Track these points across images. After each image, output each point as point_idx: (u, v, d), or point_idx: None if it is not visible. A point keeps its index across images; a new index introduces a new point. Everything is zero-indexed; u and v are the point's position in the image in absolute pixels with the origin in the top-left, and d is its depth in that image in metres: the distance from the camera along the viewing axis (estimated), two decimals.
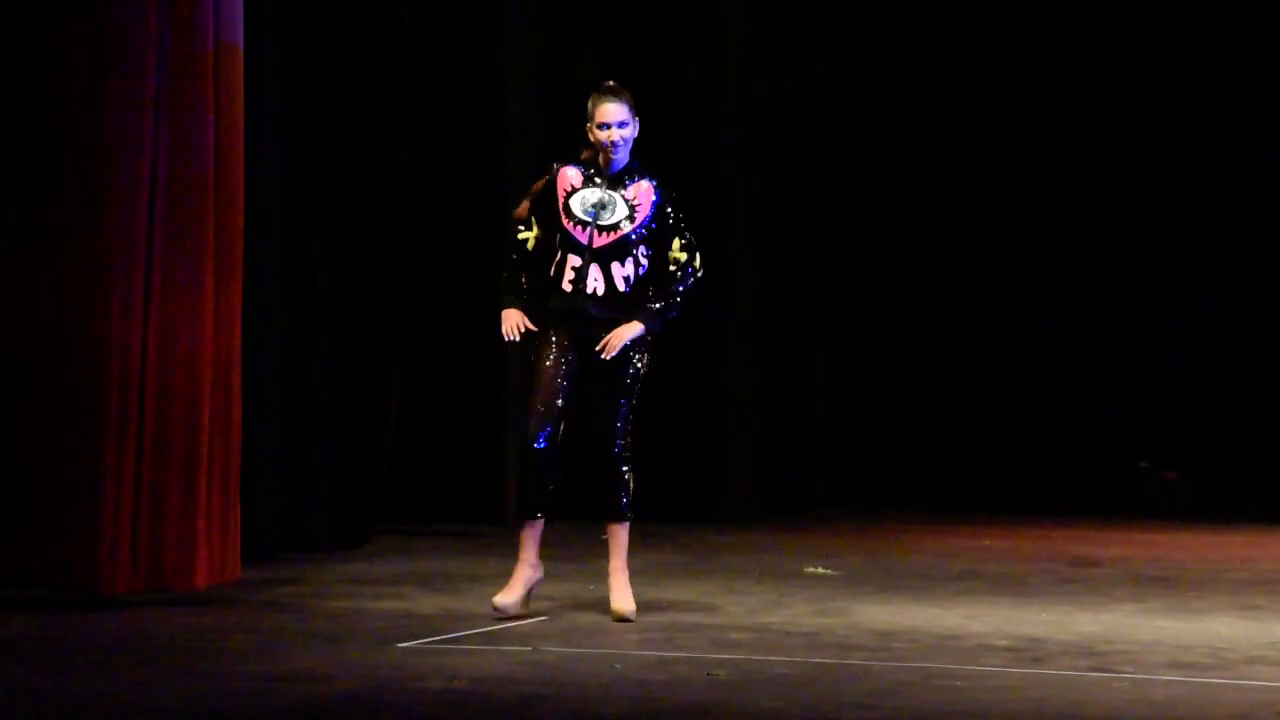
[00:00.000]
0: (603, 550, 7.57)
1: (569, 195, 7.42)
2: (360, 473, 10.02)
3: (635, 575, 7.53)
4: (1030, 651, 6.89)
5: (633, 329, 7.36)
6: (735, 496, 12.57)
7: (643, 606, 7.54)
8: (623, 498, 7.44)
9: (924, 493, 13.70)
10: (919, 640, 7.11)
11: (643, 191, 7.44)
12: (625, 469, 7.43)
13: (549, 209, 7.44)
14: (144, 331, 7.58)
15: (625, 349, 7.39)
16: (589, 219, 7.37)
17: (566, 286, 7.38)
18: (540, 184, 7.51)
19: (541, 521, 7.48)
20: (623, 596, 7.44)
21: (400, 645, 6.79)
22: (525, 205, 7.52)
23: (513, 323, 7.41)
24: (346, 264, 10.03)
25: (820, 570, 9.32)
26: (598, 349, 7.36)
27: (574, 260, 7.38)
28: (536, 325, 7.42)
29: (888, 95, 13.99)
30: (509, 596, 7.44)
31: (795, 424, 13.24)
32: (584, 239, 7.38)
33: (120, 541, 7.52)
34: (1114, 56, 13.95)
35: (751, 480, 12.75)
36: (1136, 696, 6.06)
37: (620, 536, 7.47)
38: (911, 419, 14.29)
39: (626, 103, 7.41)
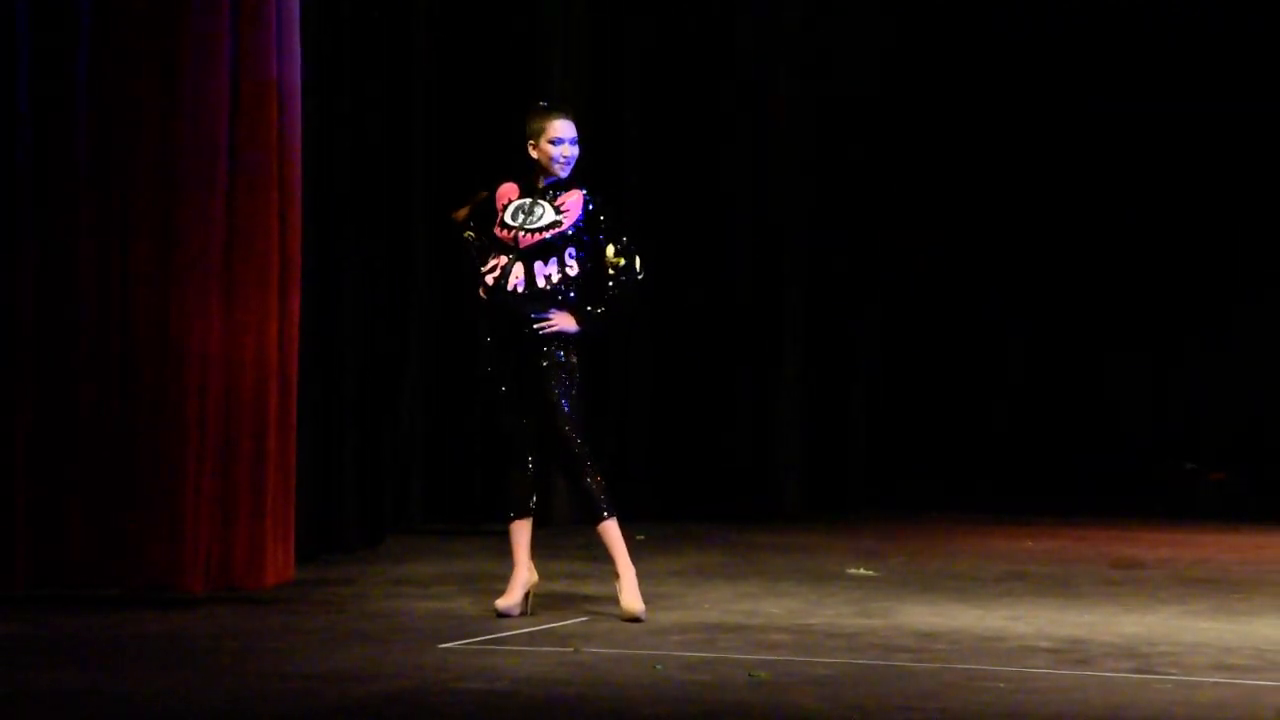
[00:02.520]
0: (639, 550, 7.56)
1: (505, 206, 7.64)
2: (375, 473, 10.01)
3: (676, 577, 7.54)
4: (1073, 653, 6.87)
5: (567, 320, 7.52)
6: (780, 497, 12.56)
7: (683, 607, 7.54)
8: (599, 497, 7.48)
9: (968, 493, 13.66)
10: (961, 641, 7.10)
11: (572, 199, 7.61)
12: (589, 465, 7.50)
13: (486, 220, 7.65)
14: (217, 335, 7.77)
15: (552, 346, 7.53)
16: (515, 223, 7.56)
17: (489, 280, 7.57)
18: (482, 195, 7.72)
19: (530, 521, 7.61)
20: (630, 596, 7.45)
21: (443, 646, 6.81)
22: (465, 210, 7.78)
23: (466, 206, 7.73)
24: (375, 267, 10.09)
25: (862, 571, 9.31)
26: (528, 331, 7.50)
27: (501, 260, 7.55)
28: (480, 342, 7.64)
29: (936, 86, 13.96)
30: (509, 599, 7.54)
31: (840, 425, 13.23)
32: (509, 241, 7.57)
33: (199, 542, 7.69)
34: (1128, 58, 13.89)
35: (796, 481, 12.74)
36: (1180, 698, 6.04)
37: (611, 535, 7.49)
38: (957, 420, 14.25)
39: (574, 121, 7.58)
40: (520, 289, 7.52)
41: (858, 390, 13.42)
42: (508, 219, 7.58)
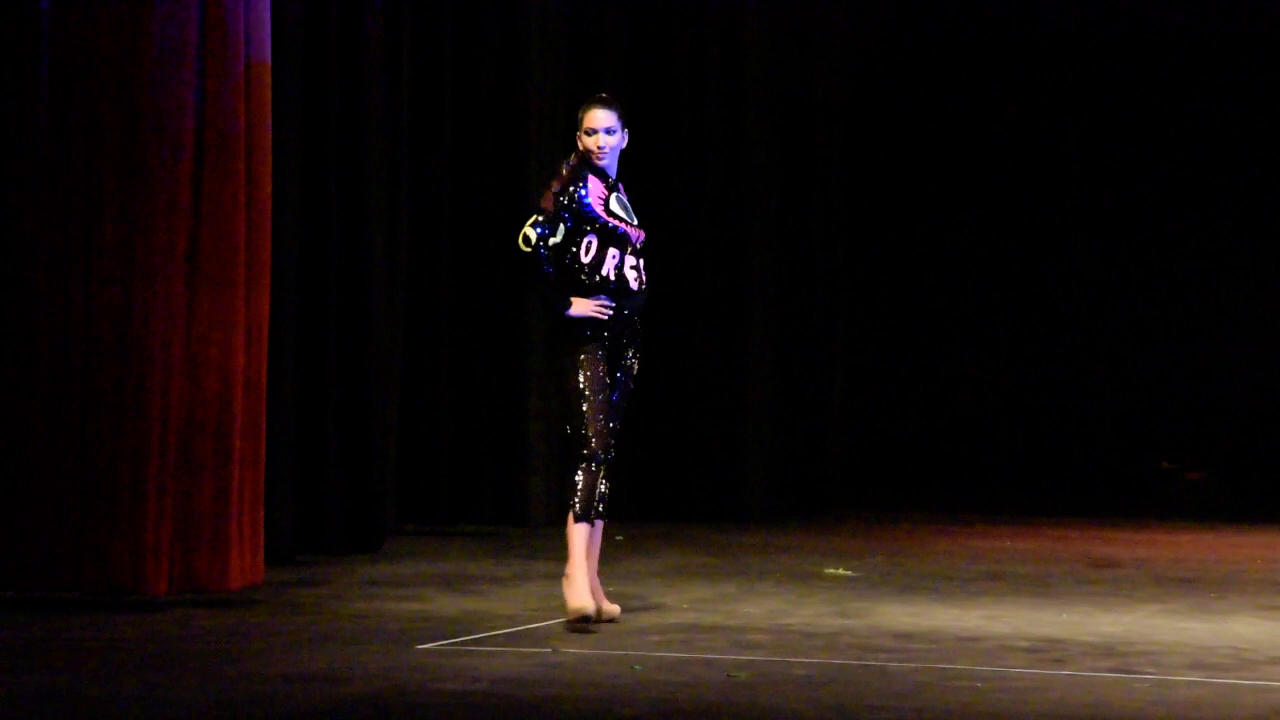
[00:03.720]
0: (617, 551, 7.55)
1: (607, 195, 7.42)
2: (369, 477, 9.98)
3: (655, 578, 7.54)
4: (1051, 652, 6.88)
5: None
6: (755, 498, 12.57)
7: (662, 608, 7.54)
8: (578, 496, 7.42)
9: (945, 494, 13.68)
10: (939, 641, 7.10)
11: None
12: (607, 467, 7.43)
13: (576, 205, 7.37)
14: (181, 333, 7.65)
15: (638, 346, 7.46)
16: (624, 216, 7.41)
17: (609, 272, 7.36)
18: (566, 177, 7.42)
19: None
20: (571, 593, 7.40)
21: (421, 647, 6.80)
22: (550, 198, 7.42)
23: (591, 305, 7.34)
24: (362, 270, 10.05)
25: (840, 571, 9.32)
26: (629, 328, 7.36)
27: (613, 251, 7.38)
28: (567, 334, 7.39)
29: (914, 90, 13.98)
30: (584, 601, 7.35)
31: (815, 425, 13.24)
32: (630, 234, 7.41)
33: (161, 545, 7.61)
34: (1118, 61, 13.93)
35: (771, 482, 12.76)
36: (1157, 698, 6.05)
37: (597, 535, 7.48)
38: (932, 420, 14.27)
39: (615, 111, 7.45)
40: (634, 285, 7.38)
41: (835, 391, 13.44)
42: (615, 209, 7.41)
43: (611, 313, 7.32)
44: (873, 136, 13.90)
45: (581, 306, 7.30)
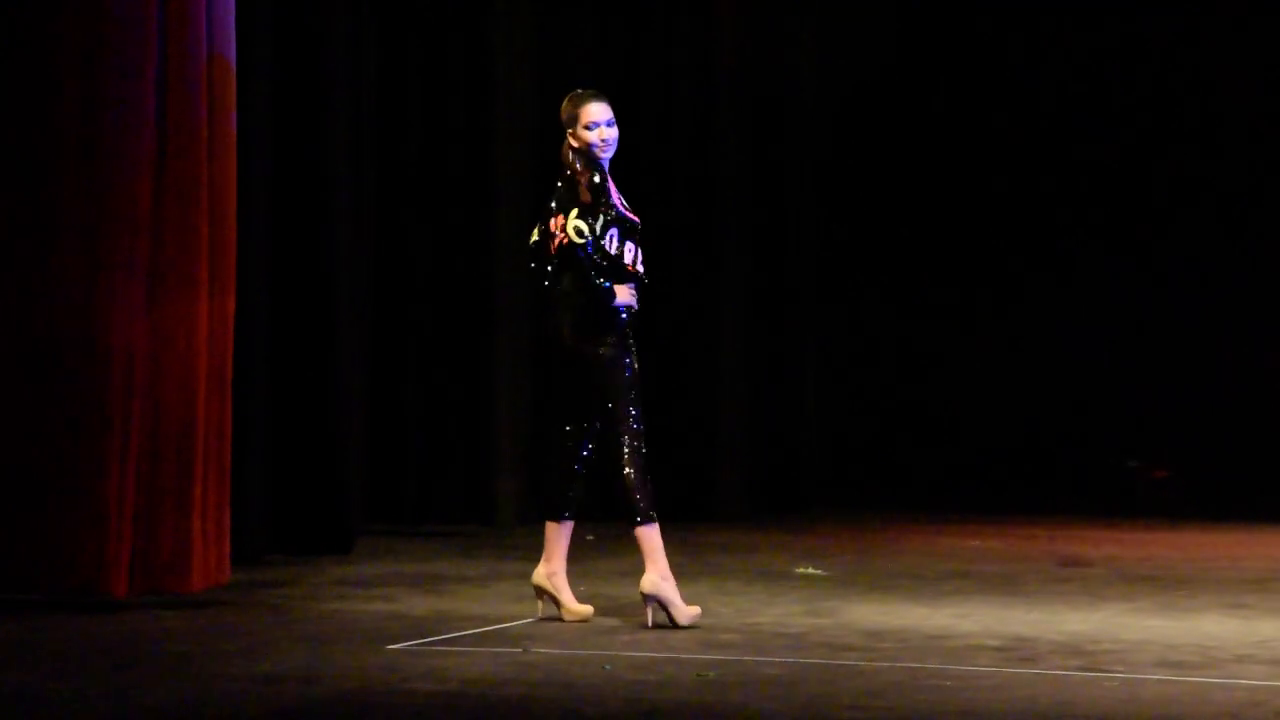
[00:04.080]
0: (587, 551, 7.55)
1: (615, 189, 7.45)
2: (342, 477, 9.93)
3: (625, 577, 7.54)
4: (1020, 651, 6.90)
5: None
6: (725, 497, 12.58)
7: (633, 608, 7.55)
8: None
9: (914, 493, 13.71)
10: (909, 640, 7.12)
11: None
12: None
13: (605, 198, 7.38)
14: (142, 333, 7.59)
15: None
16: (631, 211, 7.46)
17: (641, 269, 7.44)
18: (586, 171, 7.37)
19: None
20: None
21: (391, 647, 6.80)
22: (585, 191, 7.36)
23: (629, 291, 7.36)
24: (325, 269, 10.04)
25: (810, 570, 9.33)
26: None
27: (630, 246, 7.42)
28: (610, 325, 7.34)
29: (888, 89, 14.01)
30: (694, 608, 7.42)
31: (785, 425, 13.26)
32: (638, 225, 7.47)
33: (123, 545, 7.55)
34: (1097, 69, 13.98)
35: (741, 481, 12.77)
36: (1126, 695, 6.08)
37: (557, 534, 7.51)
38: (901, 419, 14.30)
39: (608, 103, 7.45)
40: (645, 281, 7.47)
41: (806, 390, 13.46)
42: (626, 203, 7.43)
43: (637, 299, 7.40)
44: (847, 134, 13.91)
45: (623, 293, 7.34)
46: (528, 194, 11.45)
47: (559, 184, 7.44)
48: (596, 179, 7.34)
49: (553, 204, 7.43)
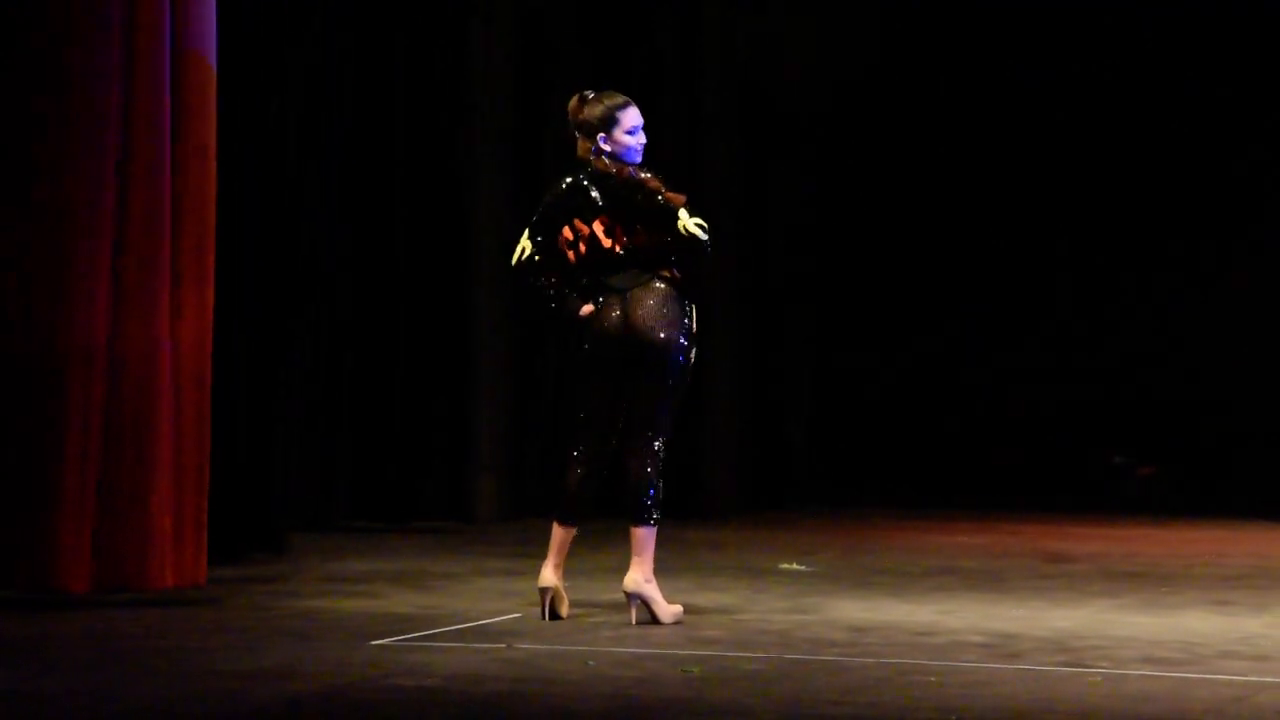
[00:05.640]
0: (572, 546, 7.53)
1: None
2: (267, 477, 9.83)
3: (609, 573, 7.54)
4: (1004, 647, 6.90)
5: None
6: (710, 494, 12.58)
7: (617, 604, 7.54)
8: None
9: (898, 489, 13.71)
10: (893, 636, 7.12)
11: None
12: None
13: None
14: (106, 328, 7.54)
15: None
16: None
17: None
18: (645, 178, 7.42)
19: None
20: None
21: (374, 643, 6.78)
22: (679, 196, 7.45)
23: None
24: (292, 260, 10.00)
25: (794, 566, 9.33)
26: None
27: None
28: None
29: (878, 93, 14.01)
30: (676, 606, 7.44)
31: (771, 421, 13.26)
32: None
33: (82, 541, 7.49)
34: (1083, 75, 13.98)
35: (727, 477, 12.76)
36: (1110, 691, 6.07)
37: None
38: (887, 415, 14.30)
39: None
40: None
41: (791, 386, 13.46)
42: None
43: None
44: (837, 132, 13.90)
45: None
46: (509, 192, 11.46)
47: (568, 187, 7.38)
48: (655, 185, 7.35)
49: (569, 207, 7.35)
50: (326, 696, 5.83)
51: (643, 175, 7.37)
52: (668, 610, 7.28)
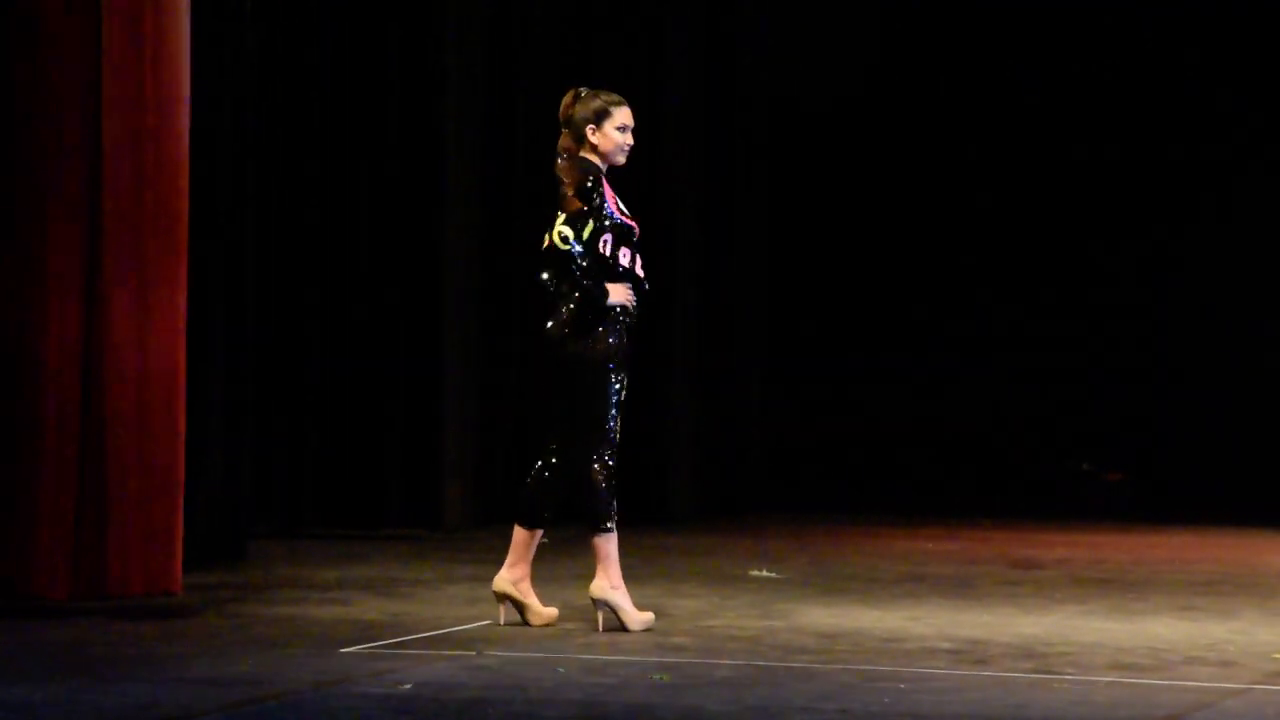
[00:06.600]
0: (539, 554, 7.54)
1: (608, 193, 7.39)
2: (234, 483, 9.77)
3: (578, 580, 7.55)
4: (972, 653, 6.92)
5: None
6: (677, 499, 12.57)
7: (586, 611, 7.54)
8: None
9: (867, 496, 13.72)
10: (862, 642, 7.13)
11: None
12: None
13: (599, 202, 7.33)
14: (82, 341, 7.53)
15: None
16: (629, 214, 7.46)
17: (640, 273, 7.45)
18: (582, 179, 7.31)
19: None
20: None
21: (344, 650, 6.78)
22: (572, 200, 7.30)
23: (624, 290, 7.37)
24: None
25: (764, 573, 9.34)
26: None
27: (628, 251, 7.42)
28: (601, 326, 7.32)
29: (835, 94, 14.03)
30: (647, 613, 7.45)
31: (737, 426, 13.25)
32: (635, 230, 7.46)
33: (58, 548, 7.47)
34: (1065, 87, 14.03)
35: (693, 483, 12.76)
36: (1077, 698, 6.10)
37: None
38: (854, 422, 14.31)
39: None
40: (644, 282, 7.47)
41: (755, 391, 13.45)
42: (624, 208, 7.43)
43: (636, 301, 7.38)
44: (796, 140, 13.92)
45: (618, 293, 7.31)
46: (476, 191, 11.45)
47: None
48: (589, 183, 7.30)
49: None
50: (297, 704, 5.83)
51: (567, 179, 7.32)
52: (637, 617, 7.29)
